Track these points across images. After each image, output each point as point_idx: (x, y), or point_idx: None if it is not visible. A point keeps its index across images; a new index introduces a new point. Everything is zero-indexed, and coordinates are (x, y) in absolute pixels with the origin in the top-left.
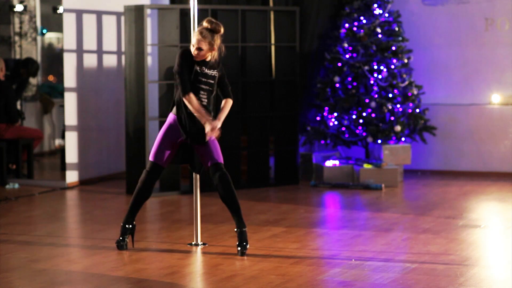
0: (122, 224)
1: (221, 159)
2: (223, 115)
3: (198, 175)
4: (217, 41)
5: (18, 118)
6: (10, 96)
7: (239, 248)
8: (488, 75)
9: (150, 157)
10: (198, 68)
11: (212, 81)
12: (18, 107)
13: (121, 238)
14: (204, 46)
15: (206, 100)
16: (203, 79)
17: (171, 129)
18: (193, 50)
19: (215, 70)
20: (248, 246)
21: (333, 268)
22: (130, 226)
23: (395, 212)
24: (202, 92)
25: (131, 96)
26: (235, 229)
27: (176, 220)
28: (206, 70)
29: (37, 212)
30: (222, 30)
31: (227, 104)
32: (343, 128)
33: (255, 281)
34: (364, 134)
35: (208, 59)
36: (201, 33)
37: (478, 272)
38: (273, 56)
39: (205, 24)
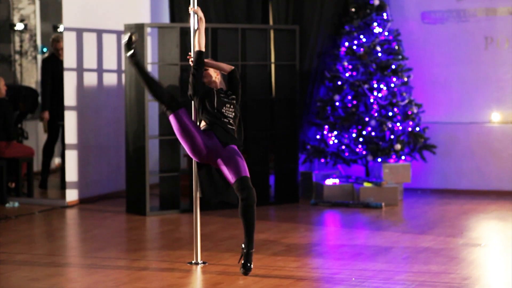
0: None
1: (247, 173)
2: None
3: (198, 194)
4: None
5: (16, 135)
6: (9, 114)
7: (242, 269)
8: (488, 93)
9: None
10: (216, 92)
11: (234, 101)
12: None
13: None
14: (212, 72)
15: (232, 116)
16: (225, 99)
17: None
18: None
19: (231, 94)
20: (252, 267)
21: (333, 287)
22: None
23: (395, 230)
24: (228, 107)
25: (131, 115)
26: (243, 249)
27: (176, 238)
28: (224, 93)
29: (37, 231)
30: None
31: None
32: (343, 147)
33: None
34: (364, 152)
35: (218, 86)
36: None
37: None
38: (273, 75)
39: None
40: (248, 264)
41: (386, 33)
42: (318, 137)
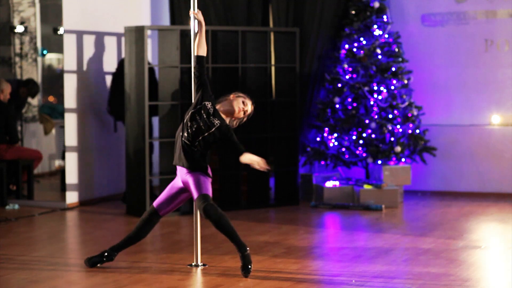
0: (107, 249)
1: (207, 191)
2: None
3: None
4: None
5: (18, 139)
6: (11, 117)
7: (242, 271)
8: (487, 96)
9: (154, 202)
10: (209, 105)
11: (208, 124)
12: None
13: (96, 256)
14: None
15: (190, 132)
16: (198, 117)
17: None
18: (241, 109)
19: (217, 120)
20: (251, 268)
21: None
22: (110, 255)
23: (395, 233)
24: (194, 122)
25: (132, 117)
26: (238, 252)
27: (176, 241)
28: (207, 113)
29: (37, 233)
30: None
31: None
32: (343, 149)
33: None
34: (364, 154)
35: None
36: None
37: None
38: (273, 77)
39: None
40: (248, 266)
41: (386, 36)
42: (318, 139)
